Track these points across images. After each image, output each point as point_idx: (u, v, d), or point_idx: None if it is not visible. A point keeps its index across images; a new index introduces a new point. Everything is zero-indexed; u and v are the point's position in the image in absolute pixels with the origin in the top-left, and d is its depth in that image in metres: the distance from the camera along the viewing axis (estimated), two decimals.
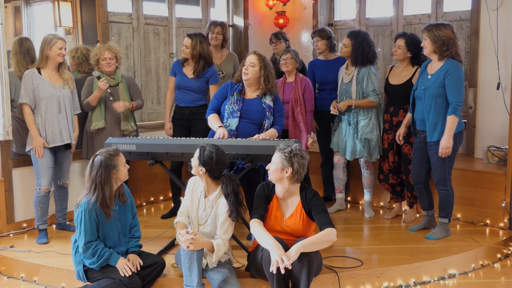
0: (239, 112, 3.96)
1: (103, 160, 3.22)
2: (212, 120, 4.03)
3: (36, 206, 4.25)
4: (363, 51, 4.59)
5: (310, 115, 4.76)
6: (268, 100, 4.03)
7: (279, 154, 3.30)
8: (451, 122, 3.93)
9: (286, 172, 3.28)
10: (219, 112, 4.11)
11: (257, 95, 4.04)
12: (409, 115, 4.37)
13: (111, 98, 4.54)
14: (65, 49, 4.23)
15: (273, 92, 4.06)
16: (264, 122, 4.00)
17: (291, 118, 4.67)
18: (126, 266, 3.25)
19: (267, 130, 4.00)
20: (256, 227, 3.29)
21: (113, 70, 4.57)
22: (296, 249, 3.10)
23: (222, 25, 5.31)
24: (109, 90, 4.46)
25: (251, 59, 3.97)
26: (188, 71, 4.73)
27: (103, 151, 3.29)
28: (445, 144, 3.94)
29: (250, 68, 3.96)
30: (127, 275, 3.23)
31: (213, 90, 4.65)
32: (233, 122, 3.96)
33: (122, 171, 3.30)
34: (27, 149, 4.24)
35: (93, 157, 3.28)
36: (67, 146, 4.34)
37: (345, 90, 4.70)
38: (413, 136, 4.34)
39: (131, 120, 4.66)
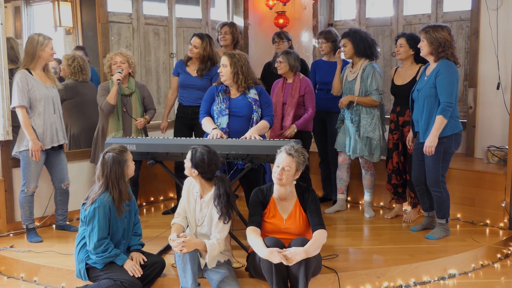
0: (227, 110, 3.99)
1: (115, 156, 3.26)
2: (206, 123, 4.05)
3: (23, 206, 4.24)
4: (361, 38, 4.64)
5: (310, 115, 4.76)
6: (252, 94, 4.04)
7: (291, 157, 3.28)
8: (438, 122, 3.92)
9: (298, 174, 3.33)
10: (210, 116, 4.12)
11: (241, 91, 4.04)
12: None
13: (124, 109, 4.56)
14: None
15: (255, 85, 4.07)
16: (252, 115, 4.01)
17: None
18: (134, 267, 3.27)
19: (256, 123, 4.00)
20: (251, 235, 3.29)
21: (126, 75, 4.55)
22: (300, 256, 3.11)
23: (230, 25, 5.40)
24: (119, 78, 4.41)
25: (224, 60, 4.00)
26: (192, 70, 4.83)
27: (112, 148, 3.32)
28: (429, 142, 3.94)
29: (223, 70, 3.99)
30: (136, 276, 3.24)
31: None
32: (223, 120, 3.98)
33: (131, 167, 3.35)
34: (17, 150, 4.19)
35: (102, 154, 3.30)
36: (61, 146, 4.34)
37: (349, 88, 4.71)
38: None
39: (141, 130, 4.66)
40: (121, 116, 4.55)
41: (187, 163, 3.36)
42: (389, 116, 4.77)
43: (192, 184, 3.49)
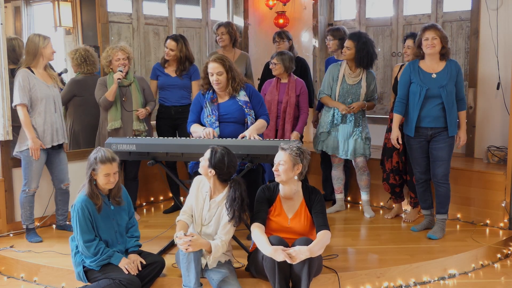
0: (217, 122, 3.94)
1: (91, 157, 3.31)
2: (195, 128, 4.01)
3: (24, 206, 4.24)
4: (367, 52, 4.62)
5: (306, 116, 4.77)
6: (242, 96, 3.99)
7: (287, 153, 3.28)
8: (465, 116, 4.19)
9: (297, 169, 3.30)
10: (200, 124, 4.07)
11: (230, 95, 3.99)
12: (398, 116, 4.28)
13: (124, 99, 4.57)
14: None
15: (244, 86, 4.01)
16: (246, 119, 3.97)
17: (282, 119, 4.70)
18: (130, 265, 3.27)
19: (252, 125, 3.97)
20: (256, 232, 3.28)
21: (127, 70, 4.58)
22: (305, 255, 3.10)
23: (225, 25, 5.37)
24: (119, 77, 4.44)
25: (218, 68, 3.87)
26: (171, 70, 4.88)
27: (101, 150, 3.32)
28: (465, 136, 4.20)
29: (220, 78, 3.89)
30: (132, 273, 3.24)
31: (195, 85, 4.85)
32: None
33: (100, 179, 3.29)
34: (19, 150, 4.20)
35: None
36: (60, 146, 4.35)
37: (349, 91, 4.70)
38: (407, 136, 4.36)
39: (143, 120, 4.66)
40: (119, 106, 4.56)
41: (205, 162, 3.32)
42: (387, 116, 4.78)
43: (201, 183, 3.47)
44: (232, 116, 3.96)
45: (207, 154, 3.32)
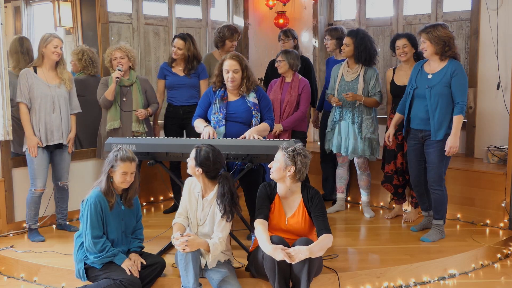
0: (224, 120, 3.94)
1: (111, 155, 3.34)
2: (198, 123, 4.02)
3: (29, 206, 4.25)
4: (365, 47, 4.62)
5: (300, 114, 4.75)
6: (252, 98, 3.99)
7: (282, 152, 3.31)
8: (459, 121, 3.96)
9: (289, 170, 3.30)
10: (205, 119, 4.09)
11: (240, 94, 4.00)
12: (397, 115, 4.31)
13: (124, 99, 4.57)
14: (61, 48, 4.25)
15: (255, 87, 4.03)
16: (252, 121, 3.98)
17: (283, 118, 4.71)
18: (132, 267, 3.28)
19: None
20: (259, 229, 3.28)
21: (126, 69, 4.59)
22: (304, 255, 3.10)
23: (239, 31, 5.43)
24: (118, 76, 4.45)
25: (235, 65, 3.90)
26: (178, 70, 4.87)
27: (122, 149, 3.35)
28: (454, 143, 3.95)
29: (236, 76, 3.91)
30: (135, 275, 3.25)
31: (203, 84, 4.85)
32: (220, 131, 3.94)
33: (117, 177, 3.31)
34: (23, 149, 4.24)
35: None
36: (59, 146, 4.34)
37: (347, 88, 4.69)
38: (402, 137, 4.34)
39: (143, 121, 4.66)
40: (119, 106, 4.57)
41: (191, 161, 3.35)
42: (386, 116, 4.77)
43: (193, 183, 3.49)
44: (239, 116, 3.96)
45: (193, 153, 3.36)
